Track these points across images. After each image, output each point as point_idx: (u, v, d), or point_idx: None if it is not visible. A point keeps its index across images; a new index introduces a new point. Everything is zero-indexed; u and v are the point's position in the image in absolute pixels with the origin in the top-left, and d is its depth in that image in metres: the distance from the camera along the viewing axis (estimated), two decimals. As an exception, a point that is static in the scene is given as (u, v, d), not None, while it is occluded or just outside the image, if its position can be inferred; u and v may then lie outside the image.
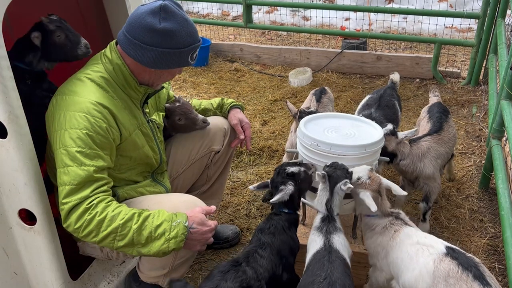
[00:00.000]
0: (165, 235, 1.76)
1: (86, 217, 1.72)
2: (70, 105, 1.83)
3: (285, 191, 2.05)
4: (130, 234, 1.74)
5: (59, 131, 1.79)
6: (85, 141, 1.78)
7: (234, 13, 8.60)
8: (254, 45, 6.38)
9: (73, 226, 1.74)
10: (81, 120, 1.79)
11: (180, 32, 1.85)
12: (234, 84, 5.57)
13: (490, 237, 2.83)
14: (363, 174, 2.02)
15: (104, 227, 1.73)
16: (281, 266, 1.93)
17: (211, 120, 2.57)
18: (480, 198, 3.22)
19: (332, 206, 1.99)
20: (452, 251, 1.77)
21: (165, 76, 2.08)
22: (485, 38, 4.75)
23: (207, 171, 2.60)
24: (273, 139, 4.13)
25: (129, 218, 1.76)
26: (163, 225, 1.77)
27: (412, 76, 5.39)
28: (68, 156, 1.76)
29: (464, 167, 3.58)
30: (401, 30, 6.92)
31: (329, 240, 1.90)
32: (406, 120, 4.38)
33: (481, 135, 3.99)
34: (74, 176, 1.75)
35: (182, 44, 1.88)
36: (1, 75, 1.67)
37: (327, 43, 6.60)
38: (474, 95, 4.79)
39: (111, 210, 1.75)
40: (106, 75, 1.96)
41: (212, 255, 2.79)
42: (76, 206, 1.74)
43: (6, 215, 1.95)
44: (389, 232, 1.97)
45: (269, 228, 2.00)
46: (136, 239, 1.75)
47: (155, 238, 1.76)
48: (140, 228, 1.75)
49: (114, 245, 1.76)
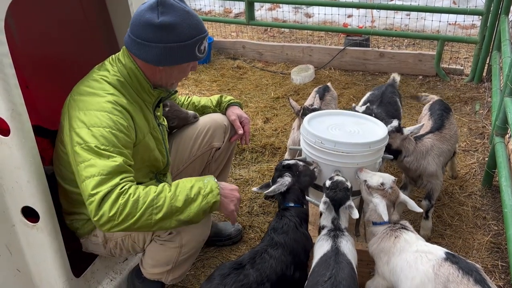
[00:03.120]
0: (201, 193, 1.79)
1: (120, 201, 1.67)
2: (90, 104, 1.81)
3: (281, 182, 2.06)
4: (166, 202, 1.72)
5: (80, 129, 1.76)
6: (109, 139, 1.76)
7: (236, 10, 8.58)
8: (256, 42, 6.37)
9: (107, 215, 1.67)
10: (103, 118, 1.78)
11: (181, 24, 1.82)
12: (236, 81, 5.57)
13: (493, 235, 2.82)
14: (387, 182, 2.01)
15: (140, 205, 1.69)
16: (293, 265, 1.90)
17: (211, 117, 2.57)
18: (483, 195, 3.21)
19: (339, 222, 1.98)
20: (452, 256, 1.74)
21: (176, 74, 2.02)
22: (489, 35, 4.72)
23: (208, 167, 2.61)
24: (276, 137, 4.12)
25: (161, 190, 1.75)
26: (196, 185, 1.80)
27: (415, 73, 5.37)
28: (92, 151, 1.73)
29: (467, 164, 3.56)
30: (404, 27, 6.90)
31: (336, 243, 1.89)
32: (408, 117, 4.37)
33: (484, 132, 3.98)
34: (103, 167, 1.71)
35: (185, 37, 1.84)
36: (3, 73, 1.67)
37: (330, 40, 6.59)
38: (478, 92, 4.77)
39: (141, 189, 1.73)
40: (122, 79, 1.95)
41: (215, 253, 2.80)
42: (108, 194, 1.68)
43: (9, 213, 1.95)
44: (390, 238, 1.94)
45: (282, 227, 1.98)
46: (174, 206, 1.73)
47: (192, 200, 1.77)
48: (174, 193, 1.75)
49: (152, 219, 1.71)
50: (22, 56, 2.75)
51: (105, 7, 2.56)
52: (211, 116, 2.57)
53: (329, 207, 1.99)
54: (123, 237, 2.07)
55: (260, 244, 1.99)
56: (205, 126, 2.52)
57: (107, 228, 1.71)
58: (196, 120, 2.52)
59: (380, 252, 1.97)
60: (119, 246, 2.11)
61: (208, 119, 2.57)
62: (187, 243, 1.98)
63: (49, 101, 2.89)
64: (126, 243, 2.09)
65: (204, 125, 2.53)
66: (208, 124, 2.52)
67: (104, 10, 2.59)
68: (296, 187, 2.08)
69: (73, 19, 2.82)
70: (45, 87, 3.09)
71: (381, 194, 1.98)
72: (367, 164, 2.18)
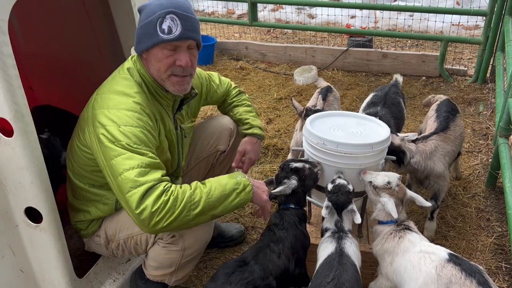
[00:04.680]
0: (235, 190, 1.82)
1: (163, 198, 1.67)
2: (120, 103, 1.82)
3: (288, 184, 2.06)
4: (203, 198, 1.74)
5: (111, 127, 1.75)
6: (141, 139, 1.77)
7: (239, 11, 8.59)
8: (259, 43, 6.38)
9: (149, 210, 1.65)
10: (134, 118, 1.78)
11: (151, 4, 1.79)
12: (239, 82, 5.57)
13: (497, 236, 2.81)
14: (393, 180, 2.00)
15: (178, 203, 1.69)
16: (293, 261, 1.93)
17: (217, 120, 2.55)
18: (487, 196, 3.19)
19: (343, 225, 1.98)
20: (455, 257, 1.74)
21: (155, 64, 1.89)
22: (492, 36, 4.71)
23: (213, 170, 2.60)
24: (278, 137, 4.12)
25: (196, 186, 1.78)
26: (230, 183, 1.83)
27: (418, 74, 5.36)
28: (125, 148, 1.72)
29: (470, 165, 3.55)
30: (407, 27, 6.89)
31: (340, 245, 1.89)
32: (412, 118, 4.36)
33: (488, 133, 3.96)
34: (142, 159, 1.71)
35: (148, 15, 1.79)
36: (7, 74, 1.67)
37: (333, 41, 6.58)
38: (481, 93, 4.75)
39: (179, 187, 1.74)
40: (141, 80, 1.94)
41: (217, 254, 2.79)
42: (152, 188, 1.67)
43: (12, 213, 1.95)
44: (394, 238, 1.94)
45: (282, 223, 2.01)
46: (211, 202, 1.76)
47: (227, 196, 1.80)
48: (210, 189, 1.78)
49: (190, 215, 1.72)
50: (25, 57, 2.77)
51: (109, 9, 2.57)
52: (217, 119, 2.56)
53: (332, 211, 1.99)
54: (125, 238, 2.08)
55: (261, 240, 2.01)
56: (211, 129, 2.52)
57: (149, 224, 1.67)
58: None
59: (384, 252, 1.96)
60: (121, 247, 2.11)
61: (214, 123, 2.56)
62: (190, 245, 1.98)
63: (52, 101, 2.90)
64: (128, 244, 2.09)
65: (210, 128, 2.53)
66: (214, 128, 2.51)
67: (107, 11, 2.60)
68: (299, 191, 2.10)
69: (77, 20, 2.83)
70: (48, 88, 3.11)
71: (389, 193, 1.98)
72: (370, 165, 2.18)
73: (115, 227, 2.09)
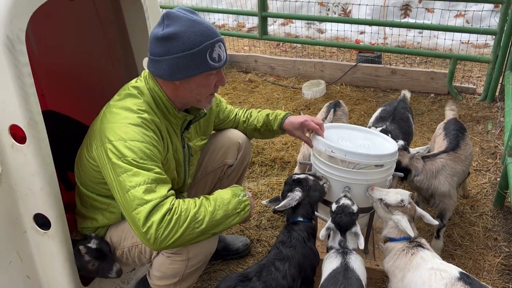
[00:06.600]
0: (237, 209, 1.87)
1: (168, 216, 1.69)
2: (126, 118, 1.83)
3: (292, 197, 2.05)
4: (207, 217, 1.78)
5: (117, 142, 1.77)
6: (146, 153, 1.78)
7: (250, 25, 8.67)
8: (268, 56, 6.42)
9: (155, 228, 1.67)
10: (139, 133, 1.80)
11: (185, 33, 1.76)
12: (248, 94, 5.60)
13: (505, 257, 2.78)
14: (405, 198, 2.00)
15: (182, 221, 1.72)
16: (299, 280, 1.90)
17: (226, 134, 2.53)
18: (495, 216, 3.17)
19: (347, 244, 1.97)
20: (466, 276, 1.73)
21: (195, 89, 1.93)
22: (502, 55, 4.71)
23: (220, 183, 2.60)
24: (285, 151, 4.12)
25: (200, 204, 1.80)
26: (233, 202, 1.87)
27: (427, 91, 5.36)
28: (131, 164, 1.74)
29: (478, 184, 3.53)
30: (416, 44, 6.91)
31: (345, 260, 1.88)
32: (420, 135, 4.35)
33: (497, 152, 3.94)
34: (148, 175, 1.73)
35: (190, 45, 1.77)
36: (22, 82, 1.70)
37: (342, 56, 6.61)
38: (490, 112, 4.74)
39: (183, 203, 1.76)
40: (151, 99, 1.96)
41: (222, 265, 2.79)
42: (158, 205, 1.70)
43: (21, 219, 1.97)
44: (407, 254, 1.93)
45: (290, 241, 1.98)
46: (214, 221, 1.80)
47: (230, 215, 1.85)
48: (214, 208, 1.81)
49: (194, 233, 1.75)
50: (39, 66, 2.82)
51: (122, 19, 2.61)
52: (226, 132, 2.54)
53: (334, 231, 1.98)
54: (130, 246, 2.08)
55: (267, 256, 1.98)
56: (219, 142, 2.51)
57: (154, 242, 1.69)
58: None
59: (396, 269, 1.95)
60: (126, 255, 2.12)
61: (222, 136, 2.54)
62: (194, 256, 1.98)
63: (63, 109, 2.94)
64: (132, 253, 2.10)
65: (218, 141, 2.52)
66: (222, 141, 2.51)
67: (121, 22, 2.64)
68: (305, 202, 2.08)
69: (90, 29, 2.88)
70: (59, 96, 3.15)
71: (402, 210, 1.97)
72: (378, 181, 2.18)
73: (120, 235, 2.10)
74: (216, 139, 2.54)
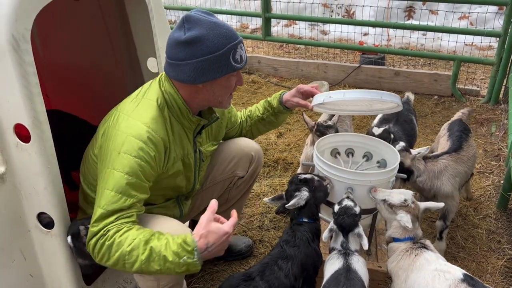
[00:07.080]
0: (175, 270, 1.67)
1: (100, 241, 1.70)
2: (128, 127, 1.81)
3: (300, 196, 2.03)
4: (137, 264, 1.67)
5: (114, 152, 1.77)
6: (134, 170, 1.75)
7: (253, 26, 8.69)
8: (271, 57, 6.43)
9: (91, 248, 1.74)
10: (136, 146, 1.76)
11: (208, 36, 1.75)
12: (251, 95, 5.61)
13: (508, 259, 2.77)
14: (408, 197, 2.00)
15: (113, 253, 1.68)
16: (301, 279, 1.90)
17: (239, 145, 2.48)
18: (498, 218, 3.16)
19: (349, 245, 1.96)
20: (469, 278, 1.73)
21: (218, 90, 1.93)
22: (506, 57, 4.70)
23: (228, 193, 2.56)
24: (288, 152, 4.13)
25: (136, 246, 1.66)
26: (172, 261, 1.65)
27: (430, 93, 5.35)
28: (113, 180, 1.73)
29: (482, 186, 3.52)
30: (420, 46, 6.90)
31: (347, 261, 1.88)
32: (423, 137, 4.34)
33: (500, 155, 3.93)
34: (109, 202, 1.72)
35: (214, 48, 1.77)
36: (27, 81, 1.71)
37: (345, 57, 6.61)
38: (494, 114, 4.73)
39: (118, 235, 1.69)
40: (164, 103, 1.93)
41: (224, 266, 2.79)
42: (97, 233, 1.72)
43: (25, 218, 1.98)
44: (410, 255, 1.93)
45: (294, 241, 1.97)
46: (146, 270, 1.68)
47: (164, 271, 1.68)
48: (148, 259, 1.66)
49: (126, 270, 1.71)
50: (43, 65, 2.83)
51: (126, 19, 2.62)
52: (239, 143, 2.48)
53: (337, 233, 1.98)
54: None
55: (270, 254, 1.98)
56: (230, 152, 2.45)
57: (95, 257, 1.77)
58: None
59: (399, 269, 1.95)
60: None
61: (235, 146, 2.49)
62: (162, 278, 1.89)
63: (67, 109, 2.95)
64: None
65: (230, 151, 2.46)
66: (234, 151, 2.45)
67: (125, 22, 2.66)
68: (311, 202, 2.07)
69: (94, 30, 2.90)
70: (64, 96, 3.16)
71: (406, 210, 1.97)
72: (381, 182, 2.17)
73: None
74: (229, 147, 2.48)
